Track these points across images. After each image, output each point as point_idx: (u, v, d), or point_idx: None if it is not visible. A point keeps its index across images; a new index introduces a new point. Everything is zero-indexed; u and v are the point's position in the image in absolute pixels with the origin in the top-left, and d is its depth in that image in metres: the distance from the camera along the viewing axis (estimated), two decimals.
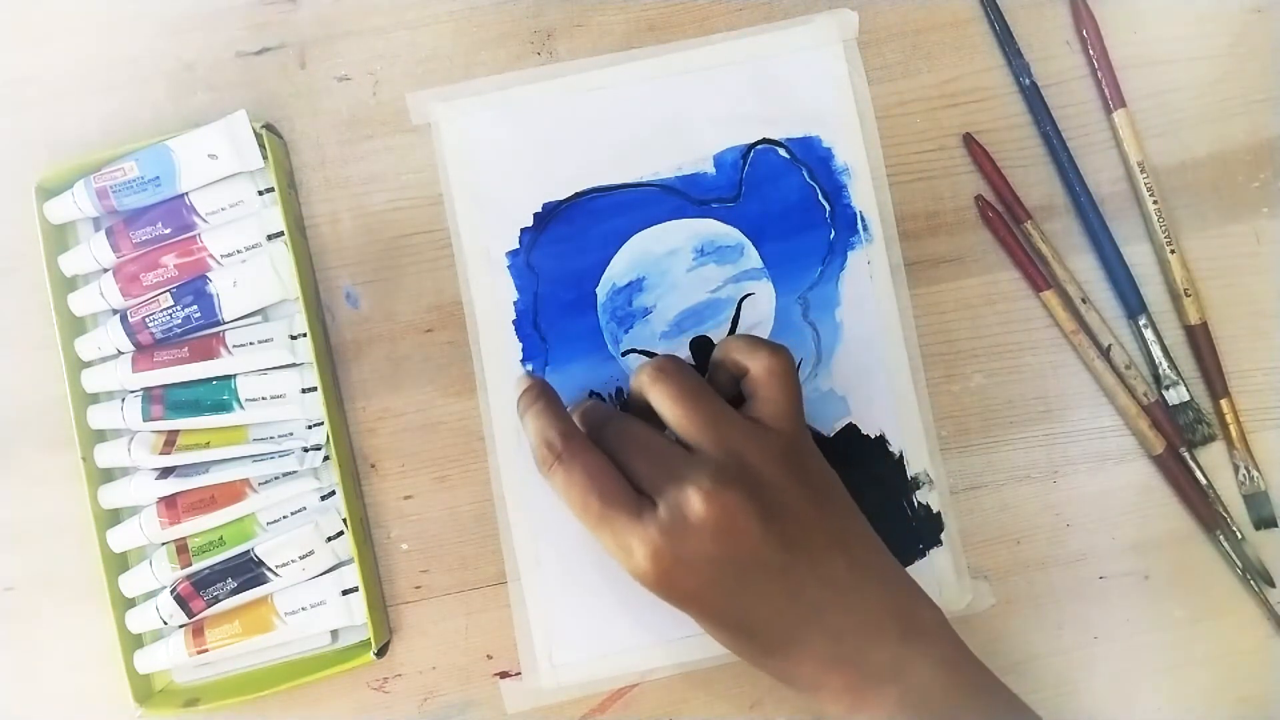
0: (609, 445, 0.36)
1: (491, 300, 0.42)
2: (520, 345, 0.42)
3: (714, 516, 0.33)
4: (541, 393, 0.38)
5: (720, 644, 0.36)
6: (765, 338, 0.41)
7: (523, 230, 0.42)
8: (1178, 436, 0.42)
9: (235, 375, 0.40)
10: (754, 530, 0.33)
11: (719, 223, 0.42)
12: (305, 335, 0.40)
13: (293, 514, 0.40)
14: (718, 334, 0.42)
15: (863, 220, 0.42)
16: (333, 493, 0.40)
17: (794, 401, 0.36)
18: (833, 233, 0.42)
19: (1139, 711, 0.41)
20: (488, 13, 0.43)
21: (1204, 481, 0.41)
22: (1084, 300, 0.42)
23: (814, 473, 0.36)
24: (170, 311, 0.40)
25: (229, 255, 0.40)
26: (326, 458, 0.40)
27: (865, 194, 0.42)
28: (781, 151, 0.42)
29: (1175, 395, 0.42)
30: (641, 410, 0.37)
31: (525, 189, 0.42)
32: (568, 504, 0.35)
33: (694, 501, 0.33)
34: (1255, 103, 0.43)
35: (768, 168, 0.42)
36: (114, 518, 0.41)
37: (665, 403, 0.36)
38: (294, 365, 0.41)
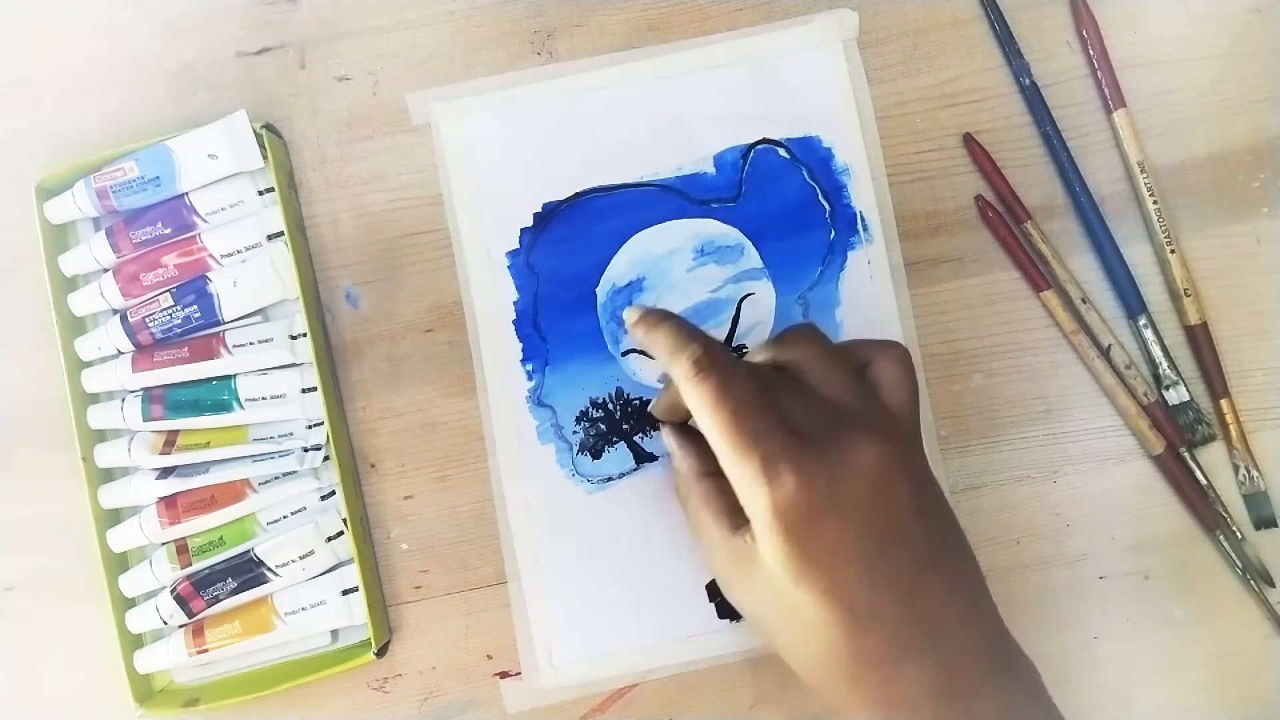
0: (766, 376, 0.33)
1: (491, 300, 0.42)
2: (520, 345, 0.42)
3: (879, 469, 0.30)
4: (668, 313, 0.34)
5: (813, 649, 0.31)
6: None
7: (523, 230, 0.42)
8: (1178, 436, 0.41)
9: (235, 375, 0.40)
10: (908, 500, 0.31)
11: (719, 223, 0.42)
12: (305, 335, 0.40)
13: (293, 514, 0.40)
14: (718, 334, 0.42)
15: (863, 220, 0.42)
16: (333, 493, 0.40)
17: (916, 395, 0.34)
18: (833, 233, 0.42)
19: (1139, 711, 0.41)
20: (488, 13, 0.43)
21: (1204, 481, 0.41)
22: (1084, 300, 0.42)
23: (931, 476, 0.34)
24: (170, 311, 0.40)
25: (229, 255, 0.40)
26: (326, 458, 0.40)
27: (865, 194, 0.42)
28: (781, 151, 0.42)
29: (1175, 395, 0.42)
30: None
31: (525, 189, 0.42)
32: (713, 417, 0.31)
33: (862, 447, 0.30)
34: (1255, 103, 0.43)
35: (768, 168, 0.42)
36: (114, 518, 0.41)
37: (819, 358, 0.34)
38: (294, 365, 0.41)
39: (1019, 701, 0.31)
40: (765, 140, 0.42)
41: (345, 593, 0.40)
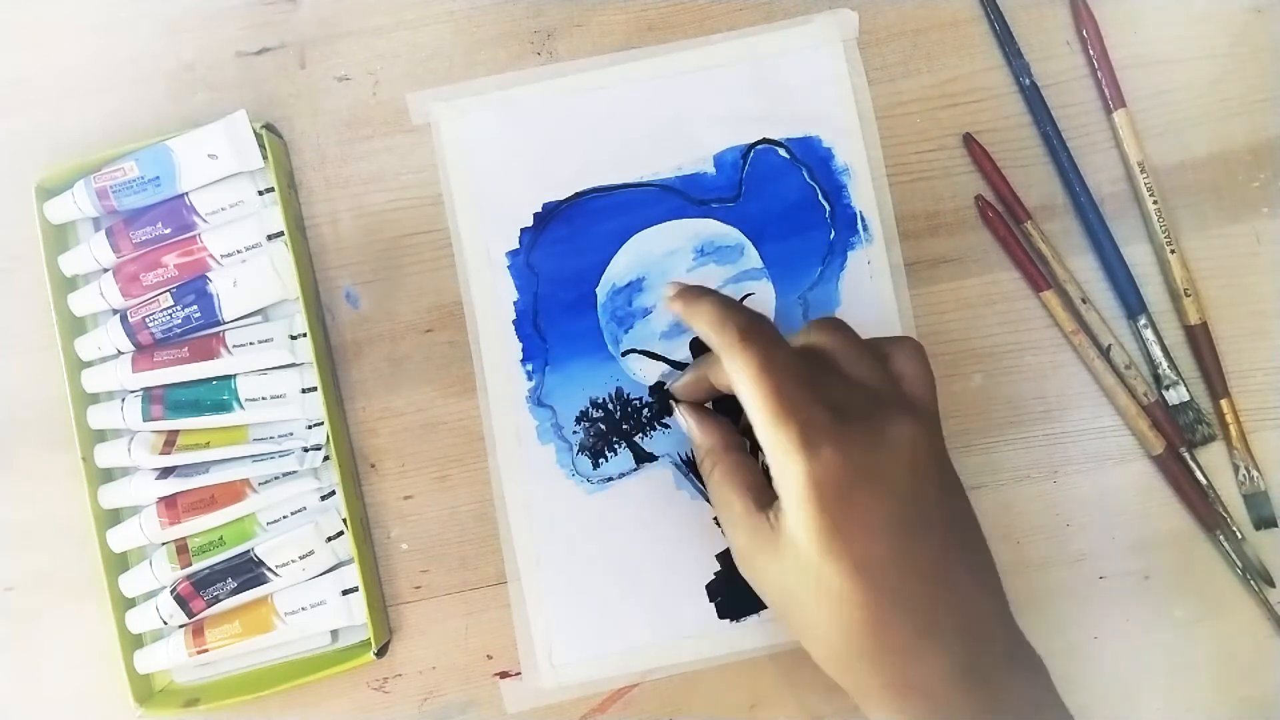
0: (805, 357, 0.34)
1: (491, 300, 0.42)
2: (520, 345, 0.42)
3: (915, 448, 0.31)
4: (708, 288, 0.35)
5: (834, 630, 0.31)
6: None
7: (523, 230, 0.42)
8: (1178, 436, 0.41)
9: (235, 375, 0.40)
10: (938, 482, 0.31)
11: (719, 223, 0.42)
12: (305, 335, 0.40)
13: (293, 514, 0.40)
14: None
15: (863, 220, 0.42)
16: (333, 493, 0.40)
17: (934, 387, 0.35)
18: (833, 233, 0.42)
19: (1139, 711, 0.41)
20: (488, 13, 0.43)
21: (1204, 481, 0.41)
22: (1084, 300, 0.42)
23: (952, 465, 0.34)
24: (170, 311, 0.40)
25: (229, 255, 0.40)
26: (326, 458, 0.40)
27: (865, 194, 0.42)
28: (781, 151, 0.42)
29: (1175, 395, 0.42)
30: None
31: (525, 189, 0.42)
32: (756, 385, 0.31)
33: (902, 425, 0.31)
34: (1255, 103, 0.43)
35: (768, 168, 0.42)
36: (114, 518, 0.41)
37: (850, 346, 0.34)
38: (294, 365, 0.41)
39: (1038, 694, 0.31)
40: (765, 140, 0.42)
41: (345, 593, 0.40)
